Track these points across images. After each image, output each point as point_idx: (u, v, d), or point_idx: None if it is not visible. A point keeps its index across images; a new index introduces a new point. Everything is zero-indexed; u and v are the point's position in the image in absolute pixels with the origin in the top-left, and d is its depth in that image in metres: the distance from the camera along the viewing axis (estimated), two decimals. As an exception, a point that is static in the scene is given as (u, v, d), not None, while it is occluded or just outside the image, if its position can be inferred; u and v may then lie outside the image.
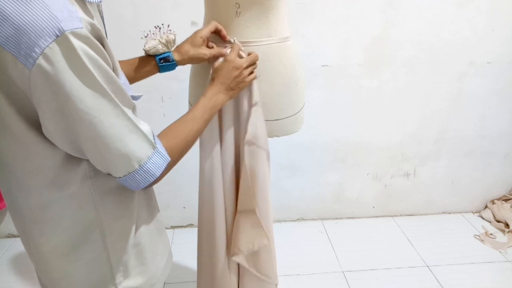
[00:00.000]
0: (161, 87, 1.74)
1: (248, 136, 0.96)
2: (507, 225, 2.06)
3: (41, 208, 0.63)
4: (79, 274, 0.69)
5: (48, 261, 0.68)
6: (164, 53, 0.88)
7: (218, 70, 0.86)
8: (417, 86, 1.89)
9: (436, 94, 1.92)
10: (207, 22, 1.00)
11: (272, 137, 1.05)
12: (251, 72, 0.91)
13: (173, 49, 0.89)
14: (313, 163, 2.04)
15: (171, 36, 0.87)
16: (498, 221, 2.11)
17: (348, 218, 2.21)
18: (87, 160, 0.61)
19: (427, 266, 1.82)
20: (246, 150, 0.98)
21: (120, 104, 0.55)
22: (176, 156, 0.69)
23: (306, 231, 2.10)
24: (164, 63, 0.89)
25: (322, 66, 1.80)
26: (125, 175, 0.59)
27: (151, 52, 0.87)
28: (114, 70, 0.57)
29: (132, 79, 0.88)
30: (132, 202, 0.71)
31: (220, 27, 0.92)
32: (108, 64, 0.54)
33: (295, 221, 2.20)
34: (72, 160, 0.60)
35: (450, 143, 2.05)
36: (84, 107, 0.51)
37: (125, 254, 0.71)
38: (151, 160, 0.60)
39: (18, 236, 2.03)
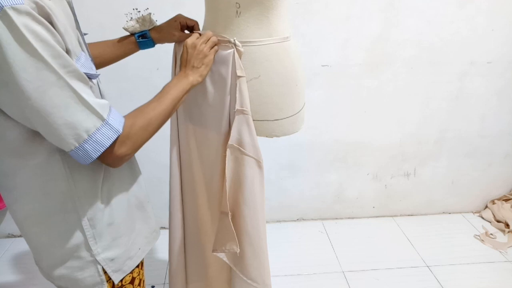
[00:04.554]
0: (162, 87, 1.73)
1: (230, 141, 0.97)
2: (507, 225, 2.06)
3: (6, 175, 0.68)
4: (55, 244, 0.73)
5: (24, 229, 0.73)
6: (141, 31, 0.99)
7: (181, 56, 0.89)
8: (417, 86, 1.89)
9: (436, 94, 1.92)
10: (207, 22, 1.00)
11: (272, 137, 1.05)
12: (212, 48, 0.92)
13: (150, 28, 1.00)
14: (313, 163, 2.04)
15: (147, 16, 0.98)
16: (498, 221, 2.11)
17: (348, 218, 2.21)
18: None
19: (427, 266, 1.82)
20: (229, 155, 0.99)
21: (66, 77, 0.58)
22: (138, 133, 0.70)
23: (306, 231, 2.10)
24: (142, 40, 1.00)
25: (322, 66, 1.80)
26: (76, 147, 0.61)
27: (129, 30, 0.99)
28: (67, 48, 0.61)
29: (116, 57, 1.00)
30: (100, 178, 0.74)
31: (196, 27, 1.02)
32: (57, 41, 0.58)
33: (295, 221, 2.20)
34: (37, 132, 0.63)
35: (450, 143, 2.05)
36: (27, 76, 0.55)
37: (100, 227, 0.75)
38: (100, 131, 0.62)
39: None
